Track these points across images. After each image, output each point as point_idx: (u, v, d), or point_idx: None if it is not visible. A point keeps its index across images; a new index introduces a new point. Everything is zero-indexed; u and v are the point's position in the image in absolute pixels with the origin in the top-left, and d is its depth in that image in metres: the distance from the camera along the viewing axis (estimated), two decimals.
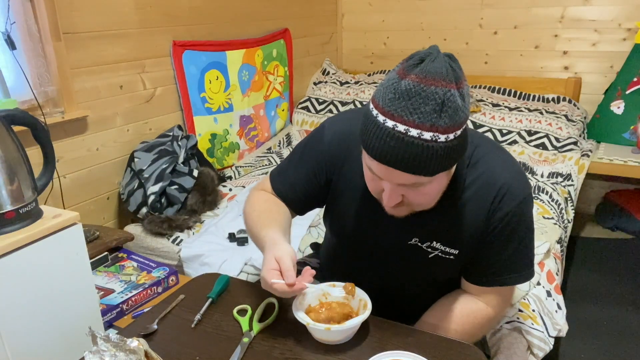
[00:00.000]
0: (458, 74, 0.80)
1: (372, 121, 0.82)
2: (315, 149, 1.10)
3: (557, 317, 1.50)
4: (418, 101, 0.77)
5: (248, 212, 1.13)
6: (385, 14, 3.41)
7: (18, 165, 1.01)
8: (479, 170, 0.98)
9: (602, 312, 2.13)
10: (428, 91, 0.77)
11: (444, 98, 0.77)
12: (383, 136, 0.80)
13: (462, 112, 0.80)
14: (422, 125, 0.78)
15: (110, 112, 2.06)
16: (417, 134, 0.78)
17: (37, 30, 1.74)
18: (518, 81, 3.06)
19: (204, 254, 1.79)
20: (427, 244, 1.02)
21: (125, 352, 0.78)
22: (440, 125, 0.78)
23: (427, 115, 0.77)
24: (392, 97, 0.79)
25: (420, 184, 0.86)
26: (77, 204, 1.96)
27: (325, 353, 0.91)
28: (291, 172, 1.13)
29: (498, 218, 0.97)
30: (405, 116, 0.78)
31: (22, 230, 1.01)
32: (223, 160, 2.61)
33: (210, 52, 2.48)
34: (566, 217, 2.08)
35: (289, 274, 0.89)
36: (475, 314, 1.04)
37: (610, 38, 2.82)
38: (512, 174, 0.98)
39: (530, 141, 2.61)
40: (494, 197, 0.96)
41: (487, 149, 1.00)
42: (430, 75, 0.78)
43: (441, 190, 0.92)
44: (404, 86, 0.78)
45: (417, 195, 0.89)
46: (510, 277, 1.02)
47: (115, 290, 1.51)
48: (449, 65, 0.79)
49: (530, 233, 1.02)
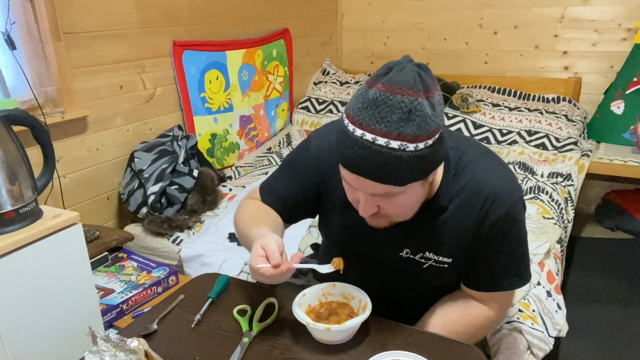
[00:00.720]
0: (428, 83, 0.80)
1: (343, 130, 0.83)
2: (302, 161, 1.10)
3: (557, 317, 1.50)
4: (385, 110, 0.78)
5: (238, 217, 1.13)
6: (385, 14, 3.41)
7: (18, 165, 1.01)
8: (465, 179, 0.96)
9: (602, 312, 2.13)
10: (394, 100, 0.78)
11: (410, 107, 0.77)
12: (352, 145, 0.81)
13: (432, 122, 0.79)
14: (389, 134, 0.78)
15: (110, 112, 2.06)
16: (384, 143, 0.78)
17: (37, 30, 1.74)
18: (518, 81, 3.06)
19: (204, 254, 1.79)
20: (419, 255, 1.01)
21: (125, 352, 0.78)
22: (408, 134, 0.78)
23: (394, 124, 0.78)
24: (360, 106, 0.80)
25: (393, 194, 0.85)
26: (77, 204, 1.96)
27: (325, 353, 0.91)
28: (279, 185, 1.13)
29: (488, 226, 0.95)
30: (372, 125, 0.78)
31: (22, 230, 1.01)
32: (223, 160, 2.61)
33: (210, 52, 2.48)
34: (566, 217, 2.08)
35: (274, 256, 0.87)
36: (477, 316, 1.04)
37: (610, 38, 2.82)
38: (499, 180, 0.96)
39: (530, 141, 2.61)
40: (481, 205, 0.95)
41: (473, 156, 0.98)
42: (396, 84, 0.78)
43: (418, 200, 0.91)
44: (371, 95, 0.79)
45: (391, 206, 0.88)
46: (508, 282, 1.01)
47: (115, 290, 1.51)
48: (417, 74, 0.79)
49: (524, 236, 1.01)
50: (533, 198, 2.12)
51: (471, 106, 2.84)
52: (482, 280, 1.02)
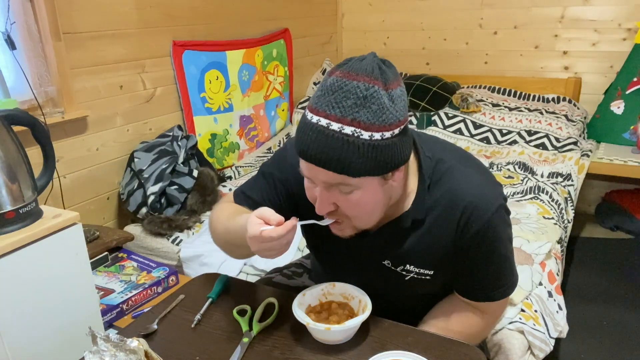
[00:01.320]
0: (388, 76, 0.80)
1: (302, 121, 0.83)
2: (278, 167, 1.06)
3: (558, 317, 1.50)
4: (340, 95, 0.78)
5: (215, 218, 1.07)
6: (385, 14, 3.41)
7: (18, 165, 1.01)
8: (440, 191, 0.93)
9: (602, 312, 2.13)
10: (350, 85, 0.78)
11: (365, 93, 0.77)
12: (307, 131, 0.81)
13: (389, 113, 0.79)
14: (343, 119, 0.78)
15: (110, 112, 2.06)
16: (338, 128, 0.78)
17: (37, 30, 1.74)
18: (518, 81, 3.06)
19: (203, 254, 1.79)
20: (400, 267, 0.99)
21: (125, 352, 0.78)
22: (362, 120, 0.77)
23: (348, 109, 0.78)
24: (319, 94, 0.81)
25: (348, 188, 0.83)
26: (77, 204, 1.96)
27: (325, 353, 0.91)
28: (255, 192, 1.07)
29: (468, 238, 0.92)
30: (328, 110, 0.79)
31: (22, 230, 1.01)
32: (223, 160, 2.61)
33: (210, 52, 2.48)
34: (566, 217, 2.08)
35: (274, 217, 0.84)
36: (472, 321, 1.03)
37: (610, 38, 2.82)
38: (477, 189, 0.92)
39: (530, 141, 2.62)
40: (459, 217, 0.91)
41: (450, 164, 0.95)
42: (353, 71, 0.79)
43: (377, 203, 0.88)
44: (329, 82, 0.80)
45: (349, 205, 0.86)
46: (497, 292, 1.00)
47: (115, 290, 1.51)
48: (377, 65, 0.80)
49: (509, 243, 0.99)
50: (533, 198, 2.12)
51: (471, 106, 2.84)
52: (471, 289, 1.01)
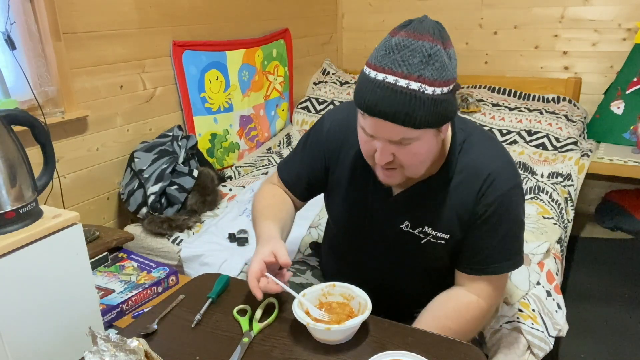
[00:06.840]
0: (445, 36, 0.88)
1: (364, 79, 0.88)
2: (316, 138, 1.17)
3: (557, 317, 1.50)
4: (407, 54, 0.83)
5: (256, 200, 1.22)
6: (385, 14, 3.41)
7: (18, 165, 1.01)
8: (469, 157, 1.02)
9: (602, 312, 2.13)
10: (416, 45, 0.84)
11: (430, 52, 0.84)
12: (373, 88, 0.85)
13: (448, 70, 0.85)
14: (410, 76, 0.83)
15: (110, 112, 2.06)
16: (405, 84, 0.83)
17: (37, 30, 1.74)
18: (518, 81, 3.06)
19: (204, 254, 1.79)
20: (418, 229, 1.05)
21: (125, 352, 0.78)
22: (427, 77, 0.83)
23: (415, 67, 0.83)
24: (383, 53, 0.86)
25: (408, 140, 0.89)
26: (77, 204, 1.96)
27: (325, 353, 0.91)
28: (296, 162, 1.22)
29: (485, 205, 1.00)
30: (395, 68, 0.84)
31: (22, 230, 1.01)
32: (223, 160, 2.61)
33: (210, 52, 2.48)
34: (566, 217, 2.08)
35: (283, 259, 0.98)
36: (468, 308, 1.05)
37: (610, 38, 2.82)
38: (501, 163, 1.01)
39: (530, 141, 2.61)
40: (481, 184, 0.99)
41: (480, 138, 1.04)
42: (418, 32, 0.85)
43: (430, 153, 0.95)
44: (394, 42, 0.86)
45: (407, 155, 0.92)
46: (497, 265, 1.04)
47: (115, 290, 1.51)
48: (436, 27, 0.87)
49: (519, 223, 1.05)
50: (533, 198, 2.12)
51: (471, 106, 2.84)
52: (472, 261, 1.05)
